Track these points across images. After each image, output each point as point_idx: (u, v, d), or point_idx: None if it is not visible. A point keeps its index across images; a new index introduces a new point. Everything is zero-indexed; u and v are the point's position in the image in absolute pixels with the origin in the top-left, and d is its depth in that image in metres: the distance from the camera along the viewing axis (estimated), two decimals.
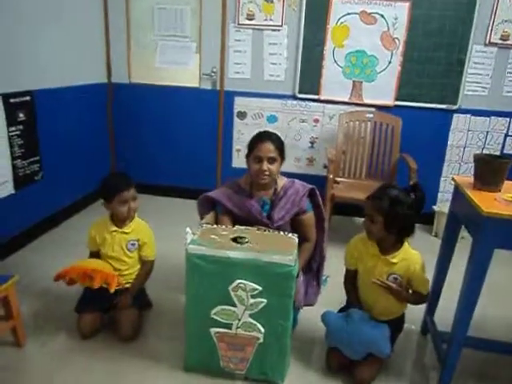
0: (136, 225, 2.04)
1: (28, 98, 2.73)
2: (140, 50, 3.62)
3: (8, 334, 1.87)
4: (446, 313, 1.94)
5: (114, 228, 2.00)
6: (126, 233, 2.01)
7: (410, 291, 1.83)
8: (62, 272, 1.90)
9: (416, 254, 1.78)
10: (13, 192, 2.65)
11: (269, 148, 1.91)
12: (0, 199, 2.56)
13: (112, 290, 1.90)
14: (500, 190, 1.71)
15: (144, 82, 3.67)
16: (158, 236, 2.15)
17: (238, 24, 3.40)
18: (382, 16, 3.20)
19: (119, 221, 2.02)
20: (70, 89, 3.17)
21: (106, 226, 2.01)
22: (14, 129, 2.62)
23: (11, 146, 2.61)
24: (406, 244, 1.78)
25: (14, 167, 2.66)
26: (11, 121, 2.59)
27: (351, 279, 1.91)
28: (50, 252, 2.76)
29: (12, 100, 2.58)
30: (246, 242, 1.65)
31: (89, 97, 3.45)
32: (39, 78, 2.83)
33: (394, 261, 1.74)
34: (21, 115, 2.68)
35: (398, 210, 1.65)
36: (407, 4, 3.14)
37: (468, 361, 1.94)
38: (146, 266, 2.10)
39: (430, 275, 2.07)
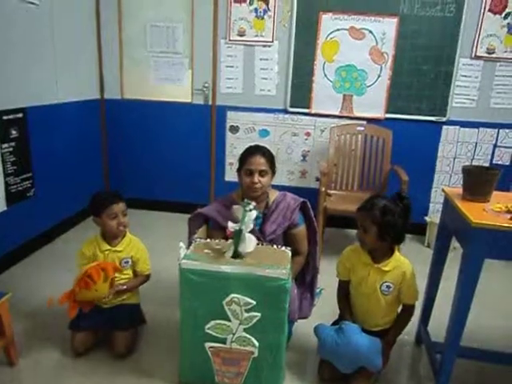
0: (128, 241, 2.03)
1: (20, 115, 2.74)
2: (132, 66, 3.65)
3: (0, 352, 1.85)
4: (439, 323, 1.95)
5: (107, 247, 1.99)
6: (119, 251, 2.00)
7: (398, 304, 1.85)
8: (66, 293, 1.86)
9: (407, 263, 1.81)
10: (5, 209, 2.65)
11: (259, 161, 1.93)
12: None
13: (123, 272, 1.96)
14: (489, 201, 1.74)
15: (136, 97, 3.69)
16: (151, 251, 2.15)
17: (230, 40, 3.46)
18: (371, 31, 3.27)
19: (111, 238, 2.00)
20: (63, 105, 3.18)
21: (98, 244, 2.00)
22: (6, 145, 2.62)
23: (3, 162, 2.61)
24: (396, 252, 1.81)
25: (6, 184, 2.65)
26: (4, 138, 2.60)
27: (344, 291, 1.92)
28: (42, 268, 2.74)
29: (5, 117, 2.59)
30: (240, 256, 1.65)
31: (81, 113, 3.47)
32: (32, 95, 2.84)
33: (387, 269, 1.77)
34: (13, 132, 2.68)
35: (389, 219, 1.69)
36: (395, 20, 3.21)
37: (462, 371, 1.94)
38: (141, 278, 2.08)
39: (422, 285, 2.10)
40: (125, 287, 1.99)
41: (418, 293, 1.82)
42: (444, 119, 3.39)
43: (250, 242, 1.65)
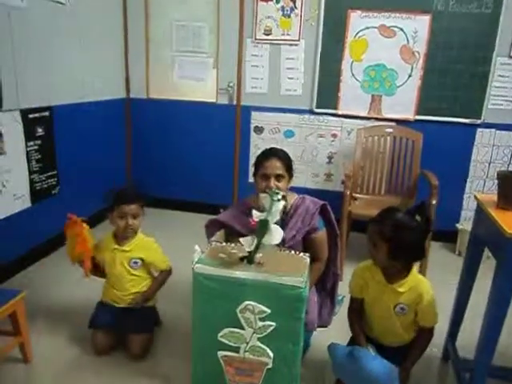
0: (138, 242, 2.00)
1: (47, 113, 2.77)
2: (158, 65, 3.65)
3: (15, 350, 1.86)
4: (469, 338, 1.83)
5: (115, 246, 1.97)
6: (127, 251, 1.97)
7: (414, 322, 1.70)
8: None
9: (426, 283, 1.65)
10: (29, 205, 2.68)
11: (276, 165, 1.86)
12: (16, 213, 2.59)
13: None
14: None
15: (161, 97, 3.69)
16: (171, 251, 2.13)
17: (256, 39, 3.40)
18: (402, 29, 3.14)
19: (120, 237, 1.99)
20: (89, 104, 3.21)
21: (108, 242, 1.99)
22: (32, 143, 2.66)
23: (29, 160, 2.65)
24: (413, 271, 1.65)
25: (32, 181, 2.69)
26: (29, 136, 2.63)
27: (356, 309, 1.78)
28: (63, 267, 2.72)
29: (31, 115, 2.63)
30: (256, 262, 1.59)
31: (107, 112, 3.49)
32: (58, 94, 2.87)
33: (401, 290, 1.61)
34: (39, 130, 2.72)
35: (402, 236, 1.52)
36: (427, 17, 3.07)
37: None
38: (163, 276, 2.07)
39: (451, 297, 1.98)
40: (144, 298, 1.99)
41: (436, 315, 1.65)
42: (479, 121, 3.21)
43: (275, 234, 1.54)
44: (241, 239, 1.61)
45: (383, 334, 1.72)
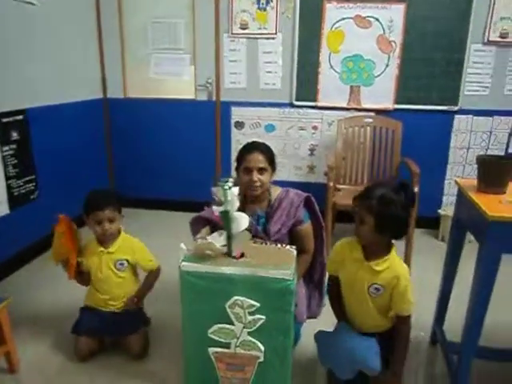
0: (122, 243, 1.96)
1: (21, 116, 2.70)
2: (135, 64, 3.60)
3: (1, 359, 1.81)
4: (455, 321, 1.85)
5: (101, 248, 1.94)
6: (112, 252, 1.94)
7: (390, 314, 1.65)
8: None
9: (403, 266, 1.61)
10: (7, 212, 2.62)
11: (258, 158, 1.86)
12: None
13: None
14: (505, 192, 1.64)
15: (140, 96, 3.64)
16: (157, 251, 2.10)
17: (232, 34, 3.38)
18: (377, 19, 3.16)
19: (104, 239, 1.95)
20: (65, 106, 3.14)
21: (93, 246, 1.95)
22: (7, 148, 2.59)
23: (5, 165, 2.58)
24: (393, 253, 1.62)
25: (9, 187, 2.62)
26: (4, 140, 2.56)
27: (335, 288, 1.75)
28: (46, 273, 2.69)
29: (4, 119, 2.56)
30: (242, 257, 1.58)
31: (85, 113, 3.43)
32: (33, 96, 2.80)
33: (378, 269, 1.57)
34: (14, 134, 2.65)
35: (389, 209, 1.51)
36: (402, 6, 3.10)
37: (480, 372, 1.84)
38: (151, 277, 2.05)
39: (436, 281, 2.01)
40: (135, 300, 1.99)
41: (411, 304, 1.59)
42: (456, 108, 3.26)
43: (241, 220, 1.55)
44: (208, 237, 1.61)
45: (359, 317, 1.67)
